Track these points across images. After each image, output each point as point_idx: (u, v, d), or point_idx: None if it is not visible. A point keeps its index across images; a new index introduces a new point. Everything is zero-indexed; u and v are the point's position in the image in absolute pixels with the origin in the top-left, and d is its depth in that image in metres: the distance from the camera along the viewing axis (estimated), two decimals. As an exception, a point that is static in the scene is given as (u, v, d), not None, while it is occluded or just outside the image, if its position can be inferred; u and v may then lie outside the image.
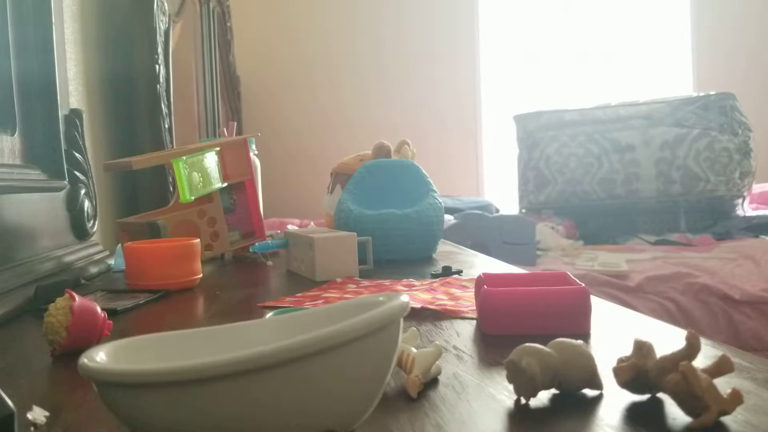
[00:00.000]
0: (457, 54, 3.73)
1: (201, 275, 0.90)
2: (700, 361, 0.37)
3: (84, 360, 0.32)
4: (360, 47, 3.68)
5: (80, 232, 1.06)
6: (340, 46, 3.68)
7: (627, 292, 2.19)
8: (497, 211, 3.16)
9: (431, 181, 1.14)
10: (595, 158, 3.15)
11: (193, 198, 1.02)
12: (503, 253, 2.34)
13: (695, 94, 3.07)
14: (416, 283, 0.82)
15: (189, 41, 2.11)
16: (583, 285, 0.57)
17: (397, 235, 1.03)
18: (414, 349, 0.44)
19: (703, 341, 0.39)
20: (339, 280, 0.87)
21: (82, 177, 1.06)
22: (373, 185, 1.14)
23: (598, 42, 3.80)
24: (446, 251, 1.19)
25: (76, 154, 1.05)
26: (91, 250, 1.07)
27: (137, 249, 0.87)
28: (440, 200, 1.11)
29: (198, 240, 0.90)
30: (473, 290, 0.69)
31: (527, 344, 0.40)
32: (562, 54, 3.79)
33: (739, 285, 2.21)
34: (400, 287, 0.80)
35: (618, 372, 0.39)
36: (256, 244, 1.03)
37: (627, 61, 3.69)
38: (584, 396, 0.40)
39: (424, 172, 1.15)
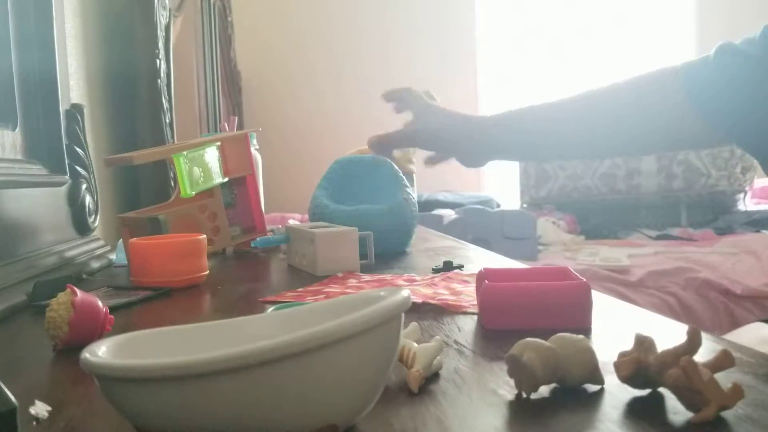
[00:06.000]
0: (457, 49, 3.72)
1: (207, 272, 0.89)
2: (701, 356, 0.37)
3: (86, 354, 0.33)
4: (362, 41, 3.68)
5: (81, 227, 1.06)
6: (341, 41, 3.67)
7: (628, 287, 2.19)
8: (498, 206, 3.16)
9: (403, 177, 1.14)
10: (596, 153, 3.14)
11: (194, 193, 1.02)
12: (504, 247, 2.34)
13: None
14: (417, 278, 0.82)
15: (190, 36, 2.11)
16: (585, 280, 0.57)
17: (374, 231, 1.02)
18: (415, 344, 0.44)
19: (704, 336, 0.39)
20: (340, 275, 0.87)
21: (83, 172, 1.06)
22: (345, 180, 1.14)
23: (599, 37, 3.79)
24: (447, 246, 1.19)
25: (77, 149, 1.05)
26: (93, 245, 1.07)
27: (142, 246, 0.86)
28: (413, 195, 1.12)
29: (204, 236, 0.89)
30: (474, 285, 0.69)
31: (528, 339, 0.40)
32: (562, 48, 3.78)
33: (740, 280, 2.21)
34: (401, 282, 0.80)
35: (619, 367, 0.39)
36: (258, 239, 1.03)
37: (629, 56, 3.68)
38: (585, 391, 0.40)
39: (396, 168, 1.15)
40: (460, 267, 0.89)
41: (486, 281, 0.58)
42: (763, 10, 3.59)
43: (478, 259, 1.03)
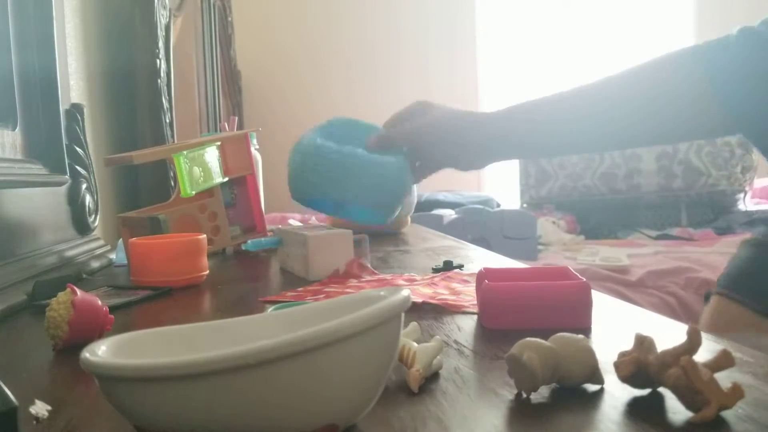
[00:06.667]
0: (456, 48, 3.72)
1: (207, 272, 0.89)
2: (701, 356, 0.37)
3: (86, 354, 0.33)
4: (363, 41, 3.68)
5: (82, 227, 1.06)
6: (342, 40, 3.67)
7: (628, 287, 2.18)
8: (498, 205, 3.16)
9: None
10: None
11: (193, 192, 1.02)
12: (504, 247, 2.34)
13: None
14: (417, 277, 0.82)
15: (190, 36, 2.11)
16: (584, 279, 0.57)
17: (370, 175, 0.84)
18: (415, 344, 0.44)
19: (704, 336, 0.39)
20: (340, 273, 0.87)
21: (83, 171, 1.06)
22: (338, 136, 0.95)
23: (599, 35, 3.79)
24: (447, 246, 1.19)
25: (78, 149, 1.05)
26: (93, 245, 1.07)
27: (142, 245, 0.86)
28: (407, 160, 1.00)
29: (204, 236, 0.89)
30: (474, 285, 0.69)
31: (528, 339, 0.40)
32: (563, 47, 3.78)
33: (740, 279, 2.20)
34: (401, 282, 0.80)
35: (619, 366, 0.39)
36: (249, 242, 1.02)
37: (629, 55, 3.68)
38: (585, 390, 0.41)
39: None
40: (460, 267, 0.89)
41: (486, 281, 0.58)
42: (761, 10, 3.59)
43: (478, 259, 1.03)
